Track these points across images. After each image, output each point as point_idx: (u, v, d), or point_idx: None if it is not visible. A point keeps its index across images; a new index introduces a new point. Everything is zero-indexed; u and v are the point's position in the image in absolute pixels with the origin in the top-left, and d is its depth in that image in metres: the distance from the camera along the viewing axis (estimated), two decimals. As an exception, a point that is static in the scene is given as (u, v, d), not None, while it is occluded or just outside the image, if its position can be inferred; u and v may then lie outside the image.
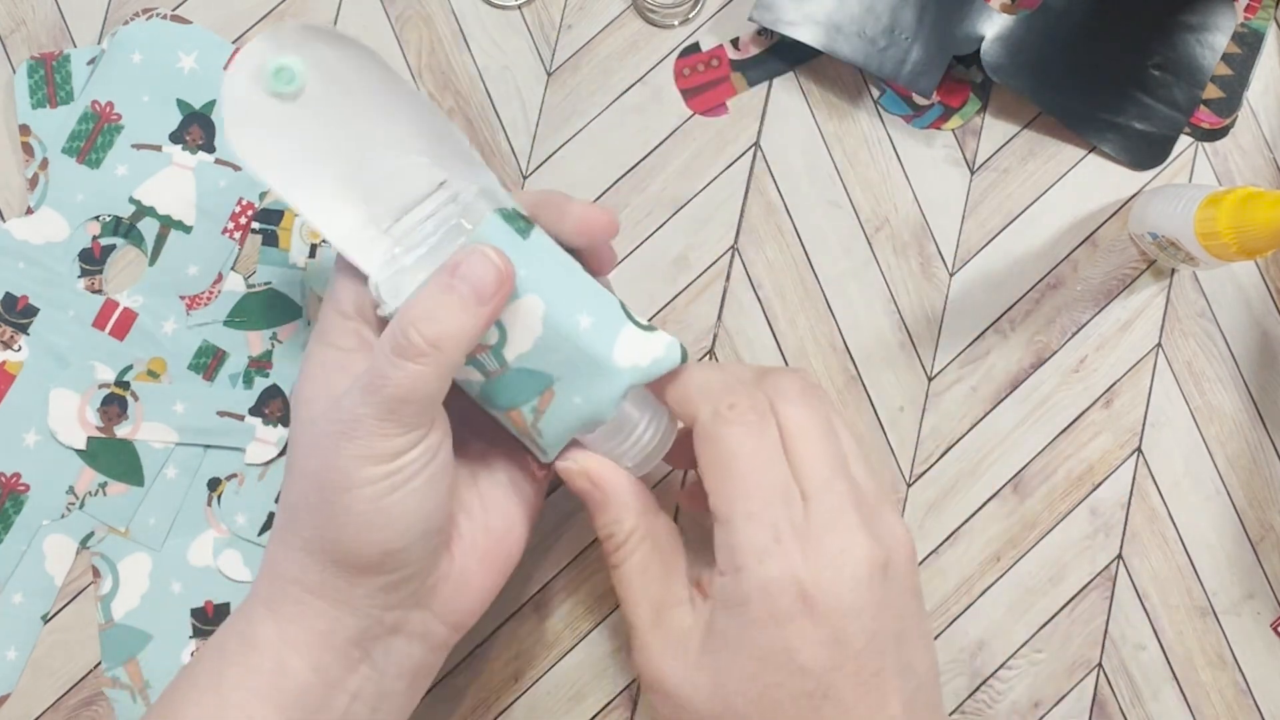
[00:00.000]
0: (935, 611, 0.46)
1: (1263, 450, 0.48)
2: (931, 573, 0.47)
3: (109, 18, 0.47)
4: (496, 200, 0.37)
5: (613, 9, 0.48)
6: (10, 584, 0.44)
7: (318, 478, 0.34)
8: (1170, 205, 0.43)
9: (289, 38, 0.36)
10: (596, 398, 0.36)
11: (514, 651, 0.46)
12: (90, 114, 0.46)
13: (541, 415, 0.37)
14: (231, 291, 0.46)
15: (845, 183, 0.48)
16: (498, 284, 0.34)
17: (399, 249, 0.37)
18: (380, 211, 0.38)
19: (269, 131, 0.36)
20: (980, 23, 0.47)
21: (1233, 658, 0.47)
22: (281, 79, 0.36)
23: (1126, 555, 0.47)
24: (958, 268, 0.48)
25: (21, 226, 0.45)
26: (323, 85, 0.36)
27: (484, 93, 0.48)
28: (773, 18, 0.47)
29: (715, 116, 0.48)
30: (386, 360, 0.33)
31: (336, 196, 0.37)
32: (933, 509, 0.47)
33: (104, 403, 0.45)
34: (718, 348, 0.47)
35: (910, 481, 0.47)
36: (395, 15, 0.48)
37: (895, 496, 0.47)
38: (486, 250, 0.34)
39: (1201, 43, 0.48)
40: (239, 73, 0.36)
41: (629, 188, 0.48)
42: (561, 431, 0.37)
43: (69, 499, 0.45)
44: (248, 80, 0.36)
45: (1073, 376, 0.47)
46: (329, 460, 0.34)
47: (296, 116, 0.37)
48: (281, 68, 0.36)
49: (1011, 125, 0.48)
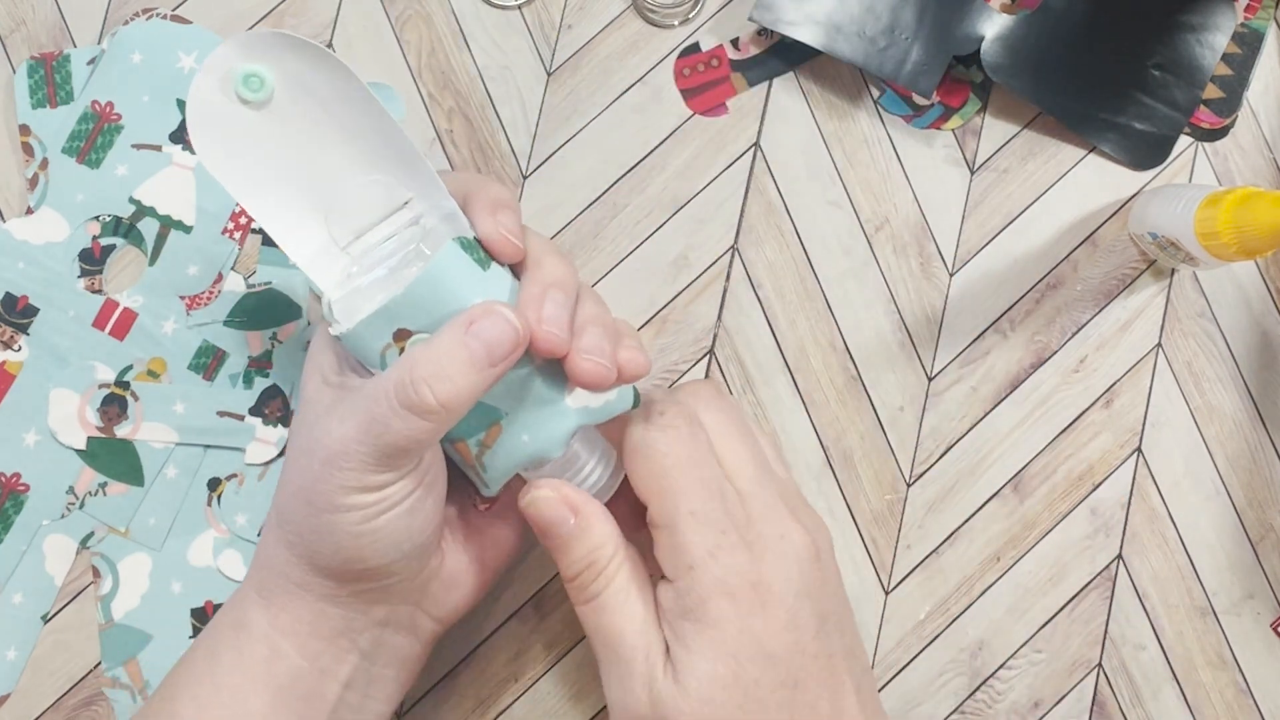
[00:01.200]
0: (935, 611, 0.46)
1: (1263, 450, 0.48)
2: (931, 573, 0.47)
3: (109, 18, 0.47)
4: (458, 228, 0.36)
5: (613, 9, 0.48)
6: (10, 584, 0.44)
7: (305, 494, 0.34)
8: (1170, 205, 0.43)
9: (260, 45, 0.35)
10: (545, 436, 0.36)
11: (514, 651, 0.46)
12: (90, 114, 0.46)
13: (487, 450, 0.36)
14: (231, 291, 0.46)
15: (845, 183, 0.48)
16: (512, 347, 0.33)
17: (355, 268, 0.36)
18: (339, 229, 0.37)
19: (233, 138, 0.36)
20: (980, 23, 0.47)
21: (1233, 658, 0.47)
22: (250, 86, 0.35)
23: (1126, 555, 0.47)
24: (958, 268, 0.48)
25: (21, 226, 0.45)
26: (291, 95, 0.36)
27: (484, 93, 0.48)
28: (773, 18, 0.47)
29: (715, 116, 0.48)
30: (391, 410, 0.32)
31: (296, 209, 0.37)
32: (933, 509, 0.47)
33: (104, 403, 0.45)
34: (718, 348, 0.47)
35: (910, 481, 0.47)
36: (395, 15, 0.48)
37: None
38: (504, 311, 0.33)
39: (1201, 43, 0.48)
40: (208, 75, 0.35)
41: (629, 188, 0.48)
42: (507, 466, 0.36)
43: (69, 499, 0.45)
44: (217, 84, 0.35)
45: (1073, 376, 0.47)
46: (317, 483, 0.34)
47: (262, 124, 0.36)
48: (250, 74, 0.35)
49: (1011, 125, 0.48)
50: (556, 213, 0.47)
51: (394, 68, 0.47)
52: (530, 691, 0.46)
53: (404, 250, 0.36)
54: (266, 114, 0.36)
